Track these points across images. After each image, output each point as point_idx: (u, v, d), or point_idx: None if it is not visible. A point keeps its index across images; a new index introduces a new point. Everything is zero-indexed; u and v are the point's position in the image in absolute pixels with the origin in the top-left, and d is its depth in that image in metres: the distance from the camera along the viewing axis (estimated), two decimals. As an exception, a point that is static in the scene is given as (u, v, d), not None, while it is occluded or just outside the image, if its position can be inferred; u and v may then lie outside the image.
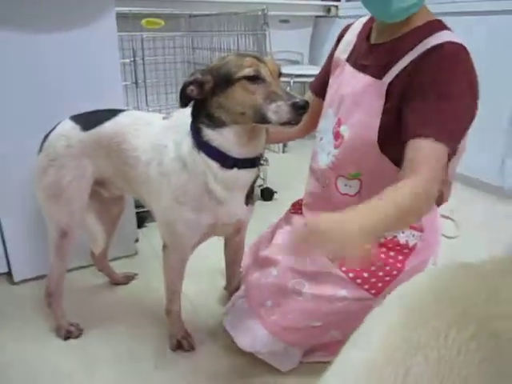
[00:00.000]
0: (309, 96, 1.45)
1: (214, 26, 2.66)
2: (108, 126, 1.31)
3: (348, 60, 1.27)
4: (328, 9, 3.60)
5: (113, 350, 1.39)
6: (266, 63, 1.07)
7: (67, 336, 1.43)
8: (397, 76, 1.10)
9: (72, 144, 1.32)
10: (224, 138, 1.09)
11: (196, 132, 1.12)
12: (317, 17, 3.72)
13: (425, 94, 1.04)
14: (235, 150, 1.10)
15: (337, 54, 1.33)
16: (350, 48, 1.28)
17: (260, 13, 2.35)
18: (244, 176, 1.15)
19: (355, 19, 1.35)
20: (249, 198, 1.23)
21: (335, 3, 3.57)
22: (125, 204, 1.63)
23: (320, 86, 1.40)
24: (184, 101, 1.10)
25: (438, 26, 1.10)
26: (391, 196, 0.95)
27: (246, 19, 2.47)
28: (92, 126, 1.32)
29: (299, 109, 0.99)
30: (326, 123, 1.31)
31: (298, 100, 0.99)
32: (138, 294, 1.67)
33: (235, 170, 1.12)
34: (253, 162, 1.15)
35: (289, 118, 1.00)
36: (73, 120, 1.36)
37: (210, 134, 1.10)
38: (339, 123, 1.23)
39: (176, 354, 1.37)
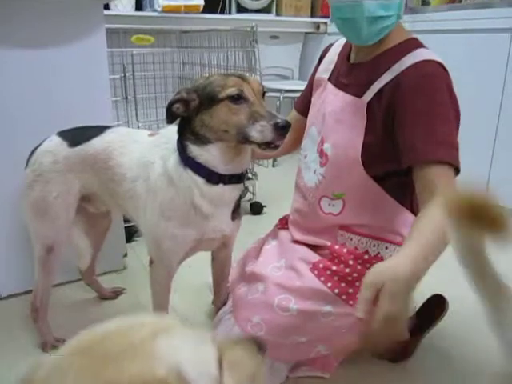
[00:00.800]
0: (293, 114, 1.48)
1: (204, 41, 2.70)
2: (94, 143, 1.32)
3: (329, 79, 1.30)
4: (317, 26, 3.66)
5: (99, 366, 1.38)
6: (250, 83, 1.10)
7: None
8: (375, 95, 1.12)
9: (58, 160, 1.33)
10: (209, 155, 1.11)
11: (182, 148, 1.14)
12: (306, 33, 3.78)
13: (415, 118, 1.06)
14: (221, 166, 1.12)
15: (318, 73, 1.36)
16: (331, 67, 1.31)
17: (249, 29, 2.39)
18: (229, 191, 1.17)
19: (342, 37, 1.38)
20: (235, 213, 1.25)
21: (324, 20, 3.63)
22: (112, 219, 1.64)
23: (303, 105, 1.43)
24: (170, 118, 1.12)
25: (413, 44, 1.13)
26: (430, 230, 0.94)
27: (235, 35, 2.51)
28: (79, 143, 1.33)
29: (281, 129, 1.01)
30: (309, 141, 1.33)
31: (279, 120, 1.01)
32: (126, 309, 1.67)
33: (221, 185, 1.14)
34: (238, 178, 1.17)
35: (271, 138, 1.02)
36: (60, 136, 1.37)
37: (196, 151, 1.12)
38: (322, 141, 1.25)
39: (163, 370, 1.37)
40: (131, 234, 2.12)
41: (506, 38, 2.35)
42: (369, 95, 1.14)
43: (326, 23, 3.62)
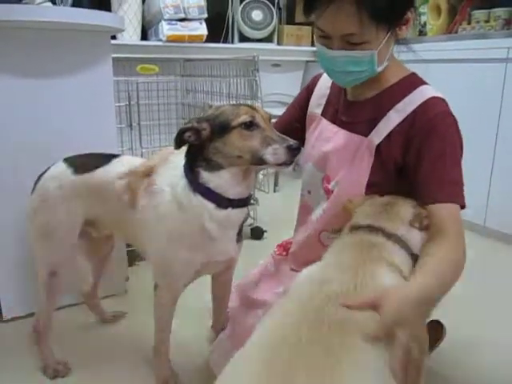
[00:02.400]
0: None
1: (207, 70, 2.78)
2: (100, 173, 1.36)
3: (323, 114, 1.30)
4: (318, 54, 3.74)
5: (100, 390, 1.40)
6: (259, 111, 1.16)
7: (54, 375, 1.43)
8: (387, 136, 1.12)
9: (63, 185, 1.36)
10: (221, 180, 1.16)
11: (192, 175, 1.18)
12: (307, 61, 3.86)
13: (430, 159, 1.08)
14: (231, 191, 1.17)
15: (310, 108, 1.35)
16: (324, 101, 1.31)
17: (251, 59, 2.46)
18: (237, 215, 1.21)
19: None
20: (238, 236, 1.29)
21: (325, 49, 3.71)
22: (114, 243, 1.66)
23: (282, 129, 1.28)
24: (180, 144, 1.17)
25: (415, 81, 1.14)
26: (433, 269, 0.97)
27: (237, 64, 2.58)
28: (84, 171, 1.37)
29: (294, 150, 1.09)
30: (307, 178, 1.33)
31: (292, 143, 1.09)
32: (127, 333, 1.68)
33: (229, 209, 1.18)
34: (245, 202, 1.22)
35: (285, 159, 1.09)
36: (65, 162, 1.41)
37: (207, 177, 1.16)
38: (328, 180, 1.24)
39: (163, 394, 1.38)
40: (133, 258, 2.14)
41: (501, 68, 2.41)
42: (377, 136, 1.13)
43: (326, 52, 3.71)
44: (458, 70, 2.60)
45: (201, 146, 1.16)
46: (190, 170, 1.19)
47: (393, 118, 1.12)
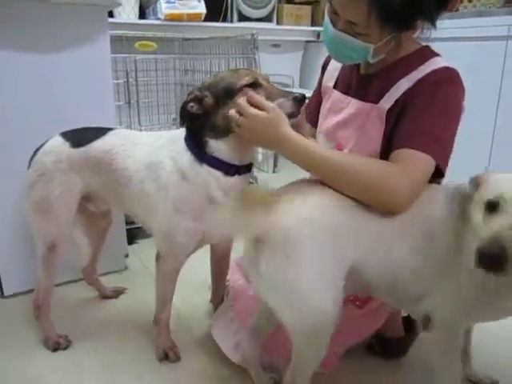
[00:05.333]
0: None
1: (206, 49, 2.75)
2: (97, 145, 1.36)
3: (335, 87, 1.32)
4: (318, 34, 3.72)
5: (100, 361, 1.41)
6: (257, 73, 1.20)
7: (55, 347, 1.45)
8: (396, 102, 1.13)
9: (61, 159, 1.37)
10: (229, 146, 1.19)
11: (196, 146, 1.20)
12: (307, 41, 3.83)
13: (417, 111, 1.09)
14: (238, 157, 1.20)
15: (324, 82, 1.38)
16: (336, 74, 1.33)
17: (250, 37, 2.44)
18: (242, 181, 1.24)
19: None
20: None
21: (324, 29, 3.68)
22: (112, 218, 1.67)
23: (313, 115, 1.40)
24: (185, 117, 1.19)
25: (429, 52, 1.16)
26: (348, 157, 1.10)
27: (237, 43, 2.56)
28: (81, 144, 1.37)
29: (299, 101, 1.15)
30: None
31: (297, 94, 1.15)
32: (127, 308, 1.70)
33: (236, 176, 1.21)
34: (249, 167, 1.25)
35: (292, 110, 1.14)
36: (62, 136, 1.41)
37: (215, 145, 1.19)
38: (339, 148, 1.25)
39: (162, 365, 1.39)
40: (132, 236, 2.16)
41: (502, 46, 2.39)
42: (387, 102, 1.14)
43: (326, 32, 3.68)
44: (459, 49, 2.58)
45: (204, 116, 1.18)
46: (195, 142, 1.21)
47: (403, 85, 1.13)
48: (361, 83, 1.24)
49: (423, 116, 1.08)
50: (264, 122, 1.08)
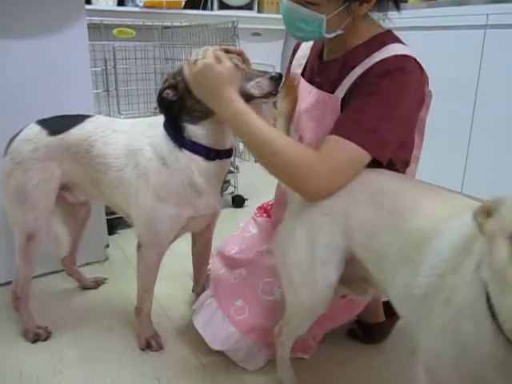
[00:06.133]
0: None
1: (186, 37, 2.72)
2: (75, 133, 1.34)
3: (303, 74, 1.31)
4: (298, 23, 3.70)
5: (81, 351, 1.40)
6: (234, 52, 1.19)
7: (35, 339, 1.43)
8: (348, 90, 1.12)
9: (38, 148, 1.34)
10: (207, 130, 1.19)
11: (175, 131, 1.20)
12: (288, 30, 3.81)
13: (356, 102, 1.08)
14: (216, 141, 1.21)
15: (292, 69, 1.37)
16: (304, 62, 1.32)
17: (230, 25, 2.42)
18: (223, 166, 1.26)
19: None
20: (221, 190, 1.33)
21: (305, 17, 3.67)
22: (90, 209, 1.65)
23: None
24: (162, 105, 1.19)
25: (386, 38, 1.12)
26: (274, 133, 1.08)
27: (217, 31, 2.53)
28: (59, 131, 1.35)
29: (276, 79, 1.14)
30: None
31: (273, 74, 1.15)
32: (108, 298, 1.69)
33: (217, 161, 1.22)
34: (229, 152, 1.26)
35: (269, 89, 1.14)
36: (39, 124, 1.38)
37: (193, 130, 1.19)
38: (301, 140, 1.25)
39: (145, 354, 1.39)
40: (113, 226, 2.14)
41: (480, 35, 2.41)
42: (341, 91, 1.13)
43: (307, 21, 3.67)
44: (437, 37, 2.60)
45: (181, 100, 1.17)
46: (173, 128, 1.20)
47: (356, 73, 1.11)
48: (321, 71, 1.23)
49: (360, 106, 1.06)
50: (215, 74, 1.08)
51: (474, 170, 2.53)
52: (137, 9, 2.87)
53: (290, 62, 1.39)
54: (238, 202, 2.56)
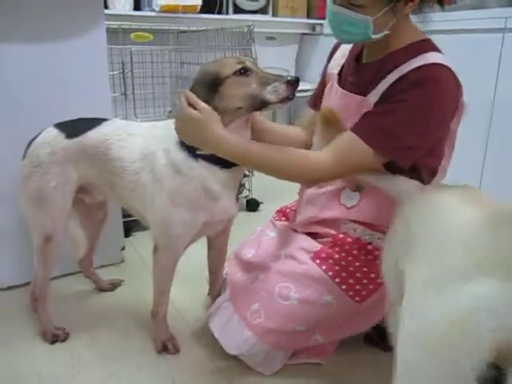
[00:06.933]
0: (309, 113, 1.46)
1: (201, 41, 2.73)
2: (92, 136, 1.35)
3: (339, 75, 1.31)
4: (313, 27, 3.70)
5: (98, 353, 1.41)
6: (244, 58, 1.17)
7: (54, 340, 1.44)
8: (381, 95, 1.13)
9: (56, 151, 1.35)
10: None
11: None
12: (302, 34, 3.81)
13: (383, 104, 1.10)
14: None
15: (330, 68, 1.37)
16: (342, 62, 1.32)
17: (246, 29, 2.42)
18: (239, 173, 1.25)
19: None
20: (237, 195, 1.32)
21: (320, 21, 3.67)
22: (107, 211, 1.66)
23: (317, 102, 1.40)
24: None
25: (425, 46, 1.13)
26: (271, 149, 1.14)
27: (232, 35, 2.54)
28: (76, 135, 1.36)
29: (293, 83, 1.10)
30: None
31: (290, 78, 1.11)
32: (124, 300, 1.70)
33: (233, 168, 1.20)
34: None
35: (287, 94, 1.11)
36: (57, 128, 1.39)
37: None
38: None
39: (161, 356, 1.39)
40: (129, 228, 2.15)
41: (498, 38, 2.39)
42: (374, 96, 1.14)
43: (321, 24, 3.66)
44: (455, 41, 2.57)
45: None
46: None
47: (391, 79, 1.11)
48: (356, 72, 1.24)
49: (385, 111, 1.09)
50: (195, 122, 1.12)
51: (491, 175, 2.50)
52: (153, 13, 2.89)
53: (328, 62, 1.39)
54: (253, 205, 2.56)
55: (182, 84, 2.85)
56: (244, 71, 1.12)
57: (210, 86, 1.13)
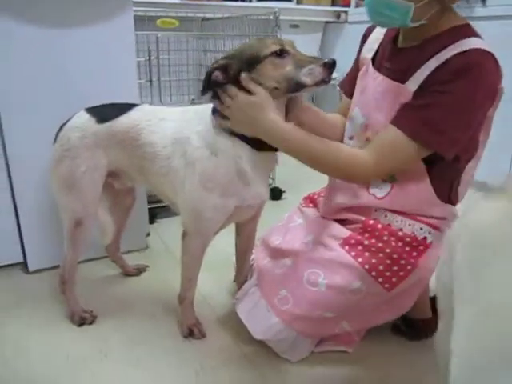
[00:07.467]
0: (344, 100, 1.42)
1: (225, 29, 2.72)
2: (122, 121, 1.35)
3: (373, 59, 1.28)
4: (338, 14, 3.65)
5: (125, 336, 1.43)
6: (283, 40, 1.16)
7: (81, 322, 1.46)
8: (421, 83, 1.09)
9: (86, 135, 1.36)
10: None
11: (224, 120, 1.18)
12: (327, 22, 3.77)
13: (427, 95, 1.07)
14: None
15: (363, 53, 1.33)
16: (376, 46, 1.29)
17: (272, 16, 2.40)
18: (272, 157, 1.24)
19: (364, 25, 1.37)
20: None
21: (345, 9, 3.62)
22: (136, 195, 1.67)
23: (350, 87, 1.36)
24: (208, 87, 1.16)
25: (464, 31, 1.08)
26: (322, 140, 1.15)
27: (257, 23, 2.52)
28: (107, 119, 1.36)
29: (330, 66, 1.09)
30: (352, 123, 1.30)
31: (326, 60, 1.09)
32: (150, 285, 1.71)
33: (266, 152, 1.20)
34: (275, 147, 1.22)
35: (322, 76, 1.09)
36: (88, 112, 1.40)
37: None
38: (366, 128, 1.23)
39: (187, 341, 1.40)
40: (153, 215, 2.16)
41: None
42: (413, 83, 1.10)
43: (346, 12, 3.61)
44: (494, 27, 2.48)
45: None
46: (222, 115, 1.18)
47: (431, 66, 1.08)
48: (393, 57, 1.20)
49: (431, 104, 1.07)
50: (250, 106, 1.12)
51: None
52: (177, 0, 2.88)
53: (361, 46, 1.36)
54: (276, 194, 2.55)
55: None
56: (281, 52, 1.11)
57: (248, 64, 1.12)
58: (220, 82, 1.15)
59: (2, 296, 1.62)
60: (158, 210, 2.15)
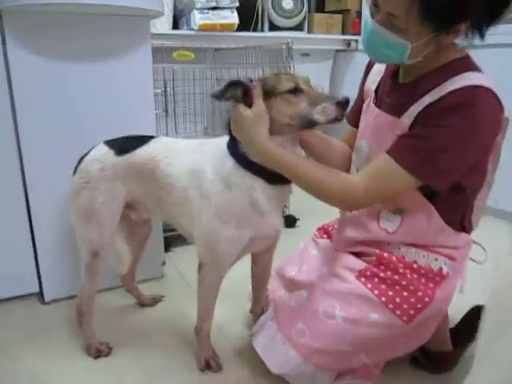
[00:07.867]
0: (349, 130, 1.42)
1: (239, 59, 2.76)
2: (140, 153, 1.37)
3: (376, 91, 1.29)
4: (348, 43, 3.70)
5: (141, 369, 1.41)
6: (299, 77, 1.18)
7: (97, 355, 1.46)
8: (415, 118, 1.09)
9: (105, 167, 1.38)
10: None
11: (239, 152, 1.20)
12: (337, 51, 3.82)
13: (420, 127, 1.08)
14: None
15: (367, 84, 1.35)
16: (378, 78, 1.30)
17: (284, 46, 2.44)
18: (285, 190, 1.25)
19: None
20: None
21: (355, 37, 3.67)
22: (151, 227, 1.68)
23: (354, 117, 1.38)
24: (222, 95, 1.15)
25: (462, 66, 1.07)
26: (315, 164, 1.19)
27: (269, 53, 2.56)
28: (125, 152, 1.39)
29: (343, 105, 1.11)
30: (359, 156, 1.31)
31: (340, 98, 1.11)
32: (166, 316, 1.70)
33: (280, 185, 1.21)
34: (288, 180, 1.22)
35: (336, 114, 1.11)
36: (107, 144, 1.43)
37: None
38: (370, 160, 1.23)
39: (204, 374, 1.39)
40: (168, 244, 2.17)
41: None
42: (408, 118, 1.11)
43: (356, 40, 3.66)
44: (499, 55, 2.51)
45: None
46: (237, 148, 1.20)
47: (425, 101, 1.08)
48: (391, 91, 1.22)
49: (423, 136, 1.07)
50: (244, 120, 1.14)
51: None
52: (192, 32, 2.95)
53: (364, 77, 1.38)
54: (290, 222, 2.55)
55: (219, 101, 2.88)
56: (295, 90, 1.13)
57: (267, 94, 1.15)
58: (233, 98, 1.16)
59: (17, 326, 1.63)
60: (172, 239, 2.16)
